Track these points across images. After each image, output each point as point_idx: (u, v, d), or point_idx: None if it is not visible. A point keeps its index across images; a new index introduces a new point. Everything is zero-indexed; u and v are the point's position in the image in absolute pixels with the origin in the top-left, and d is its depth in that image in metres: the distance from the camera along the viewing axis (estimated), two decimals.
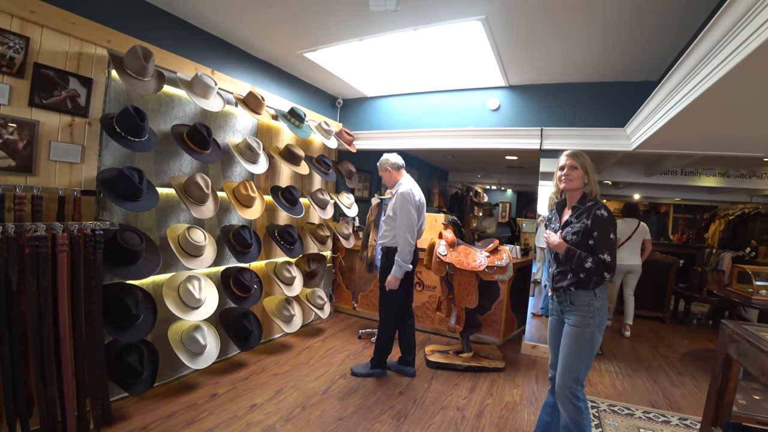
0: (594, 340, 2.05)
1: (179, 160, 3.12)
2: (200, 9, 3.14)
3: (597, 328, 2.05)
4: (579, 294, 2.08)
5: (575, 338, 2.06)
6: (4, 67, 2.21)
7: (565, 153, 2.22)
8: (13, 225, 2.06)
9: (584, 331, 2.04)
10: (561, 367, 2.10)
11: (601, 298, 2.08)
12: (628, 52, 3.36)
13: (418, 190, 3.40)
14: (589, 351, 2.05)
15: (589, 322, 2.04)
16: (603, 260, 1.99)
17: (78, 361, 2.34)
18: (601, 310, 2.06)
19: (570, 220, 2.16)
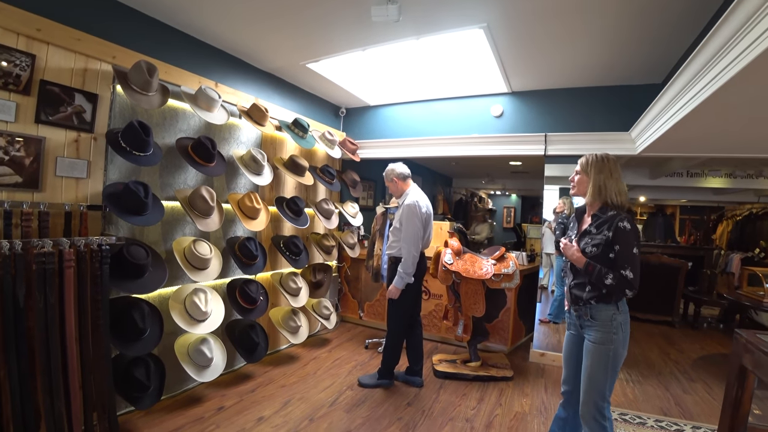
0: (618, 356, 1.94)
1: (184, 173, 3.13)
2: (203, 22, 3.17)
3: (621, 344, 1.93)
4: (600, 308, 1.95)
5: (597, 355, 1.95)
6: (11, 85, 2.23)
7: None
8: (21, 241, 2.07)
9: (607, 347, 1.92)
10: (584, 384, 2.00)
11: (624, 311, 1.96)
12: (631, 55, 3.35)
13: (425, 201, 3.37)
14: (613, 368, 1.94)
15: (612, 338, 1.92)
16: (625, 276, 1.86)
17: (85, 376, 2.33)
18: (625, 324, 1.95)
19: (589, 229, 2.03)
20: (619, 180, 2.00)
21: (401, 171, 3.43)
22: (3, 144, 2.20)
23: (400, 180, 3.43)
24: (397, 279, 3.20)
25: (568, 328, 2.19)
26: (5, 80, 2.21)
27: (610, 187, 1.98)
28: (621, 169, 2.05)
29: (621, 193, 1.99)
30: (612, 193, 1.98)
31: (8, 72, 2.22)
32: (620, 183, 2.00)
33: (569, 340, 2.18)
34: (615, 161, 2.04)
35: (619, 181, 2.00)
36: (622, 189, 1.99)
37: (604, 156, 2.05)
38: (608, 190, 1.98)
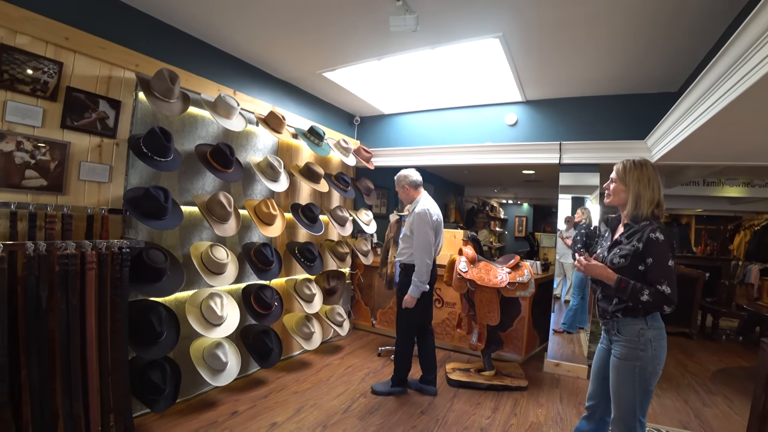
0: (647, 374, 1.79)
1: (202, 179, 3.18)
2: (223, 32, 3.23)
3: (651, 362, 1.78)
4: (626, 322, 1.83)
5: (623, 372, 1.83)
6: (39, 91, 2.30)
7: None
8: (45, 243, 2.11)
9: (632, 364, 1.80)
10: (613, 402, 1.89)
11: (655, 326, 1.80)
12: (646, 64, 3.34)
13: (435, 209, 3.36)
14: (643, 386, 1.79)
15: (640, 355, 1.78)
16: (662, 292, 1.71)
17: (103, 378, 2.36)
18: (656, 340, 1.79)
19: (620, 239, 1.90)
20: (656, 189, 1.86)
21: (414, 179, 3.44)
22: (30, 148, 2.26)
23: (412, 188, 3.43)
24: (412, 288, 3.20)
25: (600, 341, 2.09)
26: (33, 87, 2.27)
27: (645, 196, 1.85)
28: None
29: (653, 202, 1.84)
30: (645, 203, 1.84)
31: (36, 79, 2.28)
32: (657, 191, 1.86)
33: (599, 354, 2.07)
34: (654, 168, 1.90)
35: (656, 190, 1.86)
36: (656, 198, 1.85)
37: (643, 162, 1.91)
38: (643, 200, 1.85)
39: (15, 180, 2.22)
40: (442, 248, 3.52)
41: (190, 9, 2.88)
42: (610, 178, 1.99)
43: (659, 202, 1.85)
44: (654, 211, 1.84)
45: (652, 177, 1.87)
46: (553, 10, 2.65)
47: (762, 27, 1.61)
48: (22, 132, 2.24)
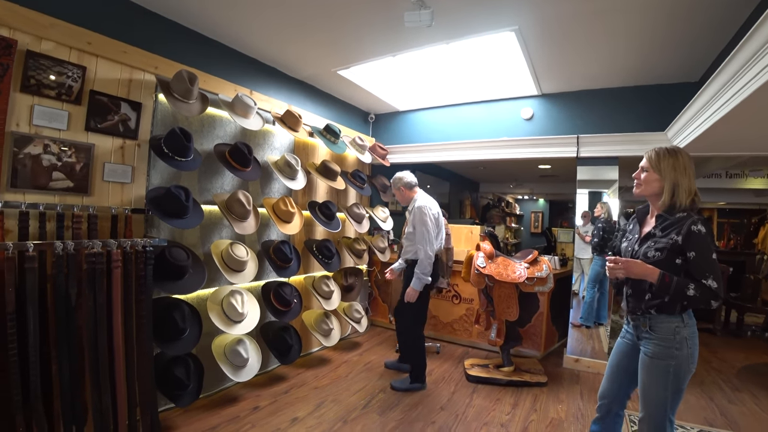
0: (682, 373, 1.70)
1: (221, 178, 3.23)
2: (240, 33, 3.27)
3: (686, 360, 1.69)
4: (661, 319, 1.73)
5: (655, 372, 1.73)
6: (64, 95, 2.36)
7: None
8: (72, 242, 2.17)
9: (666, 363, 1.70)
10: (641, 401, 1.80)
11: (691, 324, 1.72)
12: (666, 54, 3.28)
13: (435, 205, 3.46)
14: (676, 386, 1.70)
15: (674, 354, 1.69)
16: (708, 287, 1.61)
17: (129, 373, 2.42)
18: (692, 338, 1.71)
19: (653, 232, 1.79)
20: (692, 177, 1.75)
21: (409, 180, 3.52)
22: (56, 151, 2.33)
23: (407, 189, 3.51)
24: (414, 281, 3.23)
25: (622, 335, 1.98)
26: (59, 91, 2.34)
27: (683, 185, 1.74)
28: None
29: (691, 191, 1.74)
30: (683, 192, 1.73)
31: (62, 83, 2.35)
32: (693, 180, 1.75)
33: (620, 350, 1.96)
34: (688, 156, 1.79)
35: (692, 179, 1.75)
36: (693, 187, 1.75)
37: (676, 149, 1.81)
38: (680, 189, 1.73)
39: (43, 182, 2.29)
40: (457, 244, 3.53)
41: (208, 11, 2.92)
42: (640, 167, 1.88)
43: (696, 191, 1.75)
44: (693, 200, 1.74)
45: (688, 165, 1.77)
46: (570, 2, 2.62)
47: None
48: (49, 135, 2.31)
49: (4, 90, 2.10)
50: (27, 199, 2.21)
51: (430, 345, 4.44)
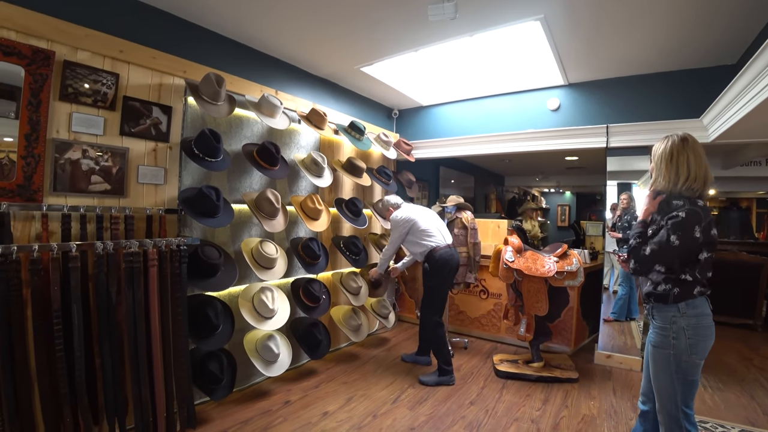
0: (682, 363, 1.76)
1: (249, 177, 3.30)
2: (264, 35, 3.32)
3: (685, 351, 1.75)
4: (659, 308, 1.83)
5: (658, 360, 1.83)
6: (99, 102, 2.45)
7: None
8: (111, 243, 2.27)
9: (666, 352, 1.79)
10: (654, 393, 1.88)
11: (690, 314, 1.76)
12: (701, 35, 3.12)
13: (413, 211, 3.73)
14: (681, 374, 1.76)
15: (672, 343, 1.77)
16: (641, 251, 1.79)
17: (166, 367, 2.51)
18: (691, 329, 1.75)
19: (654, 218, 1.89)
20: (684, 164, 1.80)
21: (395, 201, 3.83)
22: (94, 155, 2.43)
23: (395, 208, 3.77)
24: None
25: (648, 333, 2.02)
26: (95, 98, 2.43)
27: (672, 172, 1.83)
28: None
29: (682, 177, 1.80)
30: (667, 178, 1.83)
31: (97, 90, 2.44)
32: (684, 167, 1.80)
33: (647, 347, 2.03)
34: (684, 140, 1.83)
35: (682, 165, 1.80)
36: (683, 174, 1.80)
37: (669, 136, 1.88)
38: (662, 176, 1.86)
39: (82, 185, 2.39)
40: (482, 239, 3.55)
41: (233, 15, 2.98)
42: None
43: (694, 177, 1.78)
44: (692, 186, 1.78)
45: (678, 150, 1.82)
46: None
47: None
48: (87, 141, 2.40)
49: (44, 99, 2.20)
50: (68, 202, 2.31)
51: (458, 340, 4.43)
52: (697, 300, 1.77)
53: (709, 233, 1.73)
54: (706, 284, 1.80)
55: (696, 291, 1.77)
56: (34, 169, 2.18)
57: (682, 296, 1.77)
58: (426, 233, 3.55)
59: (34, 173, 2.18)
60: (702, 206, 1.75)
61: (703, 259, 1.77)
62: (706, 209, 1.76)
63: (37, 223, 2.20)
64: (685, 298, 1.77)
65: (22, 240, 2.15)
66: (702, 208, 1.74)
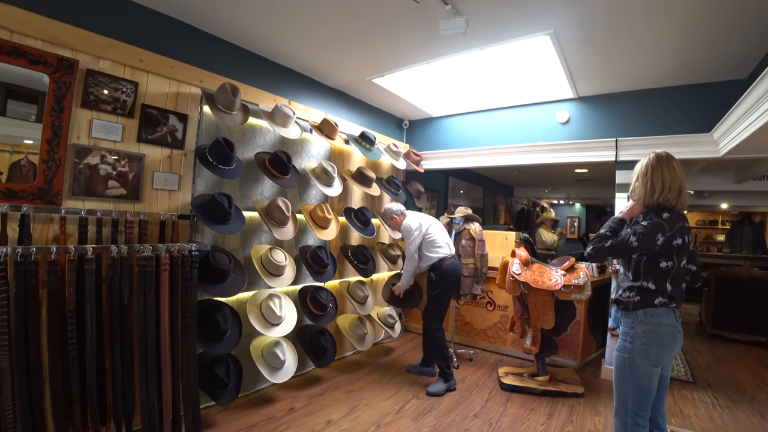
0: (636, 369, 1.85)
1: (261, 185, 3.35)
2: (279, 46, 3.39)
3: (638, 356, 1.85)
4: (623, 314, 1.96)
5: (616, 363, 1.95)
6: (119, 110, 2.53)
7: None
8: (126, 246, 2.33)
9: (622, 356, 1.91)
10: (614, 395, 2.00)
11: (648, 321, 1.85)
12: (711, 51, 3.13)
13: (423, 218, 3.77)
14: (634, 379, 1.86)
15: (627, 347, 1.89)
16: (600, 245, 1.94)
17: (174, 370, 2.55)
18: (646, 335, 1.84)
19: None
20: (651, 180, 1.92)
21: (398, 209, 3.81)
22: (112, 161, 2.50)
23: (401, 216, 3.77)
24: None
25: None
26: (114, 105, 2.51)
27: (639, 188, 1.98)
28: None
29: (648, 192, 1.92)
30: (643, 194, 1.96)
31: (117, 98, 2.52)
32: (649, 183, 1.92)
33: None
34: (655, 158, 1.95)
35: (650, 183, 1.92)
36: (646, 190, 1.93)
37: (646, 156, 2.02)
38: (635, 192, 2.01)
39: (100, 190, 2.46)
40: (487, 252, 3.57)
41: (249, 26, 3.06)
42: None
43: (668, 189, 1.88)
44: (667, 197, 1.88)
45: (653, 166, 1.93)
46: (606, 2, 2.57)
47: None
48: (105, 147, 2.48)
49: (66, 106, 2.28)
50: (86, 206, 2.38)
51: (464, 351, 4.43)
52: (657, 309, 1.85)
53: (670, 243, 1.82)
54: (671, 296, 1.86)
55: (657, 301, 1.85)
56: (55, 173, 2.26)
57: (641, 304, 1.86)
58: (434, 244, 3.60)
59: (55, 177, 2.26)
60: (668, 218, 1.84)
61: (665, 267, 1.85)
62: (674, 221, 1.84)
63: (55, 226, 2.27)
64: (644, 306, 1.86)
65: (41, 241, 2.22)
66: (668, 220, 1.84)
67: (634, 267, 1.92)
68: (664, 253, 1.84)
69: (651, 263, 1.87)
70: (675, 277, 1.87)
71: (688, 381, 3.94)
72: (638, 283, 1.89)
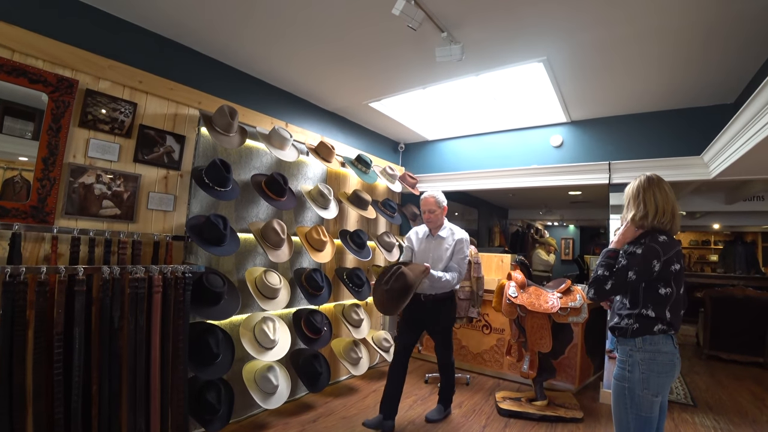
0: (637, 398, 1.79)
1: (256, 207, 3.34)
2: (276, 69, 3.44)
3: (638, 385, 1.78)
4: (620, 341, 1.90)
5: (615, 392, 1.88)
6: (116, 129, 2.53)
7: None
8: (118, 267, 2.29)
9: (621, 385, 1.85)
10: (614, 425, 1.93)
11: (647, 349, 1.80)
12: (699, 76, 3.24)
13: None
14: (634, 408, 1.79)
15: (626, 376, 1.82)
16: (596, 277, 1.89)
17: (164, 396, 2.47)
18: (645, 363, 1.79)
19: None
20: (643, 203, 1.91)
21: (444, 198, 3.36)
22: (107, 180, 2.49)
23: (440, 208, 3.32)
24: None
25: None
26: (112, 125, 2.52)
27: (630, 213, 1.96)
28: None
29: (640, 215, 1.91)
30: (634, 217, 1.93)
31: (115, 118, 2.53)
32: (642, 206, 1.91)
33: None
34: (646, 181, 1.95)
35: (641, 205, 1.91)
36: (638, 212, 1.91)
37: (636, 178, 2.01)
38: (633, 213, 1.95)
39: (94, 209, 2.44)
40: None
41: (247, 50, 3.10)
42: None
43: (662, 212, 1.87)
44: (661, 220, 1.87)
45: (644, 188, 1.93)
46: (600, 31, 2.65)
47: None
48: (101, 166, 2.47)
49: (64, 125, 2.28)
50: (79, 225, 2.35)
51: (460, 376, 4.34)
52: (656, 337, 1.81)
53: (667, 268, 1.80)
54: (670, 323, 1.82)
55: (656, 328, 1.80)
56: (49, 192, 2.24)
57: (640, 332, 1.81)
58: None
59: (49, 196, 2.23)
60: (663, 242, 1.82)
61: (664, 294, 1.82)
62: (671, 245, 1.83)
63: (47, 245, 2.24)
64: (642, 334, 1.81)
65: (31, 261, 2.18)
66: (663, 244, 1.81)
67: (632, 294, 1.88)
68: (662, 278, 1.82)
69: (650, 289, 1.84)
70: (674, 304, 1.83)
71: (688, 404, 3.88)
72: (637, 310, 1.84)
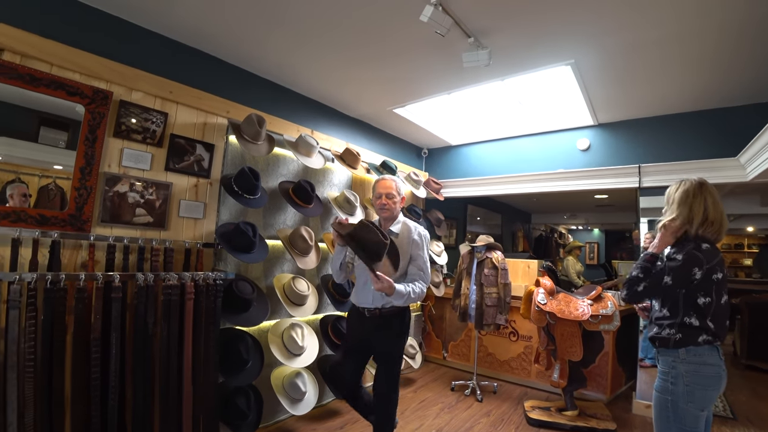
0: (680, 412, 1.71)
1: (284, 214, 3.37)
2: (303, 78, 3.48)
3: (682, 398, 1.70)
4: (662, 352, 1.81)
5: (657, 405, 1.79)
6: (149, 139, 2.59)
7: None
8: (152, 274, 2.33)
9: (664, 398, 1.76)
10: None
11: (691, 361, 1.72)
12: (733, 76, 3.12)
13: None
14: (677, 423, 1.71)
15: (670, 389, 1.74)
16: (631, 277, 1.85)
17: (195, 401, 2.49)
18: (690, 375, 1.71)
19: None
20: (698, 207, 1.83)
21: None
22: (140, 189, 2.54)
23: (400, 196, 2.63)
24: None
25: None
26: (144, 135, 2.57)
27: (690, 214, 1.87)
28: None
29: (683, 220, 1.85)
30: (694, 221, 1.85)
31: (147, 128, 2.58)
32: (698, 210, 1.83)
33: None
34: (698, 185, 1.87)
35: (687, 210, 1.84)
36: (685, 217, 1.84)
37: (683, 181, 1.93)
38: (690, 217, 1.87)
39: (127, 217, 2.49)
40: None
41: (274, 59, 3.14)
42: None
43: (711, 221, 1.80)
44: (708, 230, 1.80)
45: (695, 193, 1.85)
46: (627, 35, 2.60)
47: None
48: (134, 175, 2.53)
49: (100, 135, 2.34)
50: (113, 233, 2.41)
51: (487, 384, 4.28)
52: (701, 348, 1.72)
53: (709, 277, 1.72)
54: (716, 333, 1.73)
55: (701, 339, 1.72)
56: (86, 200, 2.29)
57: (683, 342, 1.74)
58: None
59: (85, 204, 2.29)
60: (706, 250, 1.74)
61: (702, 303, 1.74)
62: (714, 253, 1.75)
63: (84, 252, 2.29)
64: (686, 344, 1.73)
65: (69, 268, 2.24)
66: (706, 252, 1.74)
67: (671, 302, 1.81)
68: (703, 288, 1.73)
69: (689, 297, 1.76)
70: (716, 313, 1.74)
71: (728, 417, 3.73)
72: (678, 319, 1.77)
